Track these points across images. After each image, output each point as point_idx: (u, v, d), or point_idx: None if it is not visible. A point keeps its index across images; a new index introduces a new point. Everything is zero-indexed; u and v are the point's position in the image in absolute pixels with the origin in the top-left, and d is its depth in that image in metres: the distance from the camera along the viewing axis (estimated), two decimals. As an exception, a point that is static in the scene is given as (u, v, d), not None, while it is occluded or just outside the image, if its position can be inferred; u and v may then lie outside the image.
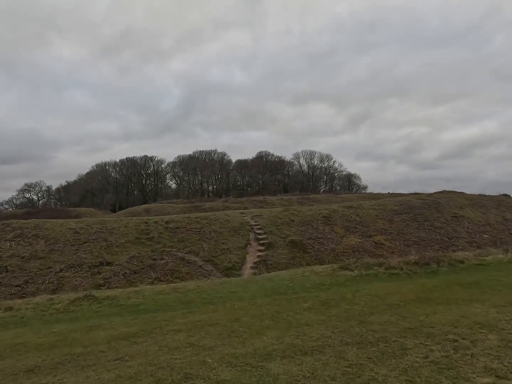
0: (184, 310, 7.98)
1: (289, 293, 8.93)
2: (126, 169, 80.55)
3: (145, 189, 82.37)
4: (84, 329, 6.98)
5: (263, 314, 7.14)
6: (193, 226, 22.03)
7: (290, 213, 24.03)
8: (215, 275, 18.30)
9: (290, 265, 19.34)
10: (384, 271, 10.32)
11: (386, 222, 24.60)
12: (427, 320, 6.03)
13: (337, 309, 7.17)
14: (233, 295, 9.03)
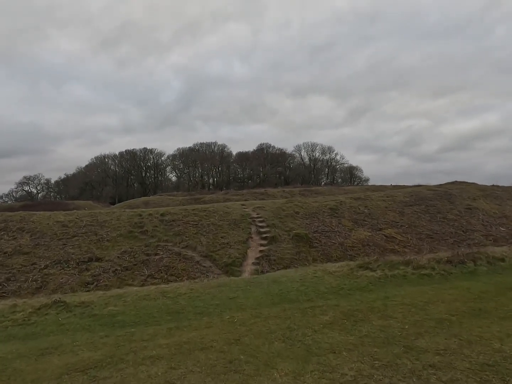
0: (171, 324, 6.21)
1: (302, 300, 7.14)
2: (125, 162, 78.68)
3: (145, 182, 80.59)
4: (35, 354, 5.22)
5: (271, 332, 5.37)
6: (191, 219, 20.25)
7: (294, 205, 22.23)
8: (214, 272, 16.57)
9: (295, 261, 17.60)
10: (413, 271, 8.54)
11: (396, 215, 22.80)
12: (504, 347, 4.24)
13: (368, 325, 5.39)
14: (232, 302, 7.25)
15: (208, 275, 16.27)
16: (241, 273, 16.47)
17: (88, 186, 78.55)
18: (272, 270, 16.92)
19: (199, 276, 16.03)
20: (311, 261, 17.78)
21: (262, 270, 16.77)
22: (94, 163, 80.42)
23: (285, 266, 17.18)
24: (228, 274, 16.46)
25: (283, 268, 17.11)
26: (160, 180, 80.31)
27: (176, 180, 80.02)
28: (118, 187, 77.55)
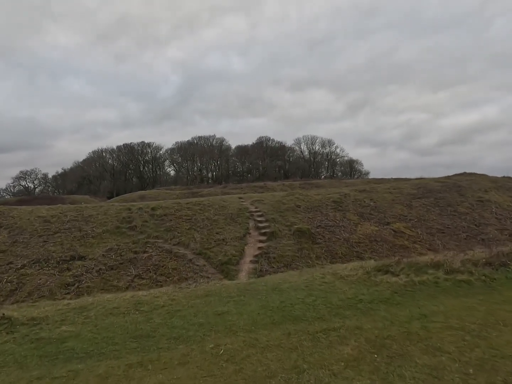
0: (133, 356, 4.47)
1: (310, 318, 5.40)
2: (123, 156, 76.76)
3: (143, 176, 78.77)
4: None
5: (271, 376, 3.63)
6: (183, 213, 18.50)
7: (295, 198, 20.47)
8: (208, 271, 14.86)
9: (296, 259, 15.88)
10: (446, 276, 6.80)
11: (404, 208, 21.04)
12: None
13: (411, 366, 3.65)
14: (220, 321, 5.51)
15: (201, 275, 14.58)
16: (237, 273, 14.78)
17: (86, 180, 76.78)
18: (272, 269, 15.22)
19: (192, 276, 14.35)
20: (314, 259, 16.08)
21: (260, 269, 15.06)
22: (92, 157, 78.51)
23: (286, 265, 15.48)
24: (223, 273, 14.77)
25: (283, 267, 15.41)
26: (158, 174, 78.46)
27: (175, 174, 78.17)
28: (116, 182, 75.73)
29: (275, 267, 15.23)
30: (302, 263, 15.74)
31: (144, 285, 13.96)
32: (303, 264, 15.65)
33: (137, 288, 13.80)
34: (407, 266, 7.26)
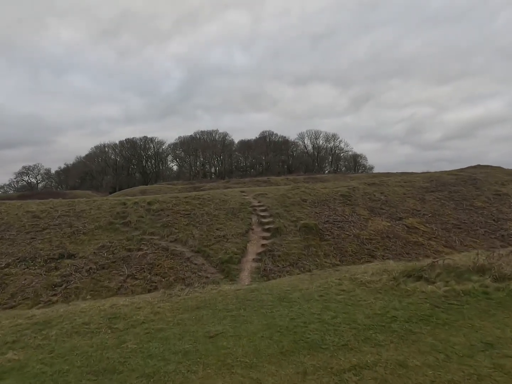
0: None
1: (331, 344, 3.99)
2: (125, 151, 75.44)
3: (145, 171, 77.50)
4: None
5: None
6: (182, 208, 17.13)
7: (301, 191, 19.05)
8: (207, 271, 13.51)
9: (303, 257, 14.50)
10: (496, 284, 5.38)
11: (417, 202, 19.58)
12: None
13: None
14: (211, 348, 4.12)
15: (199, 274, 13.24)
16: (239, 272, 13.42)
17: (88, 175, 75.63)
18: (276, 268, 13.84)
19: (189, 276, 13.01)
20: (322, 257, 14.68)
21: (264, 268, 13.69)
22: (94, 153, 77.23)
23: (292, 263, 14.11)
24: (223, 273, 13.41)
25: (289, 266, 14.03)
26: (161, 169, 77.16)
27: (177, 169, 76.84)
28: (119, 177, 74.51)
29: (280, 266, 13.87)
30: (309, 261, 14.36)
31: (137, 286, 12.65)
32: (310, 263, 14.27)
33: (129, 290, 12.49)
34: (444, 271, 5.84)
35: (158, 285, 12.80)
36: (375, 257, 15.09)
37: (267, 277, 13.27)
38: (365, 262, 14.90)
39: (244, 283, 12.89)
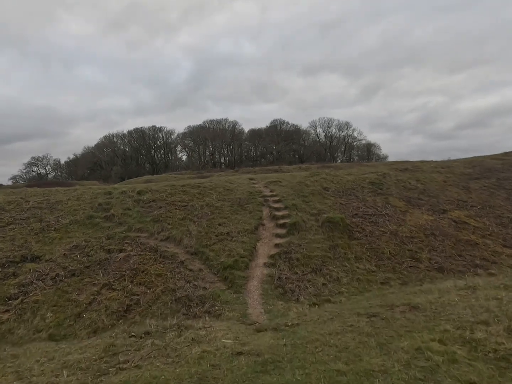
0: None
1: None
2: (134, 141, 72.43)
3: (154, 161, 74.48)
4: None
5: None
6: (177, 198, 13.77)
7: (321, 179, 15.50)
8: (205, 279, 10.17)
9: (328, 260, 11.03)
10: None
11: (460, 191, 15.89)
12: None
13: None
14: None
15: (195, 284, 9.89)
16: (246, 282, 10.05)
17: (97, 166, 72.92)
18: (295, 276, 10.41)
19: (182, 287, 9.70)
20: (353, 261, 11.19)
21: (279, 276, 10.29)
22: (103, 143, 74.42)
23: (314, 269, 10.66)
24: (226, 282, 10.07)
25: (311, 273, 10.58)
26: (170, 160, 74.03)
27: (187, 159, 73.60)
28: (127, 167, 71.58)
29: (299, 274, 10.44)
30: (337, 267, 10.88)
31: (113, 300, 9.37)
32: (338, 269, 10.78)
33: (103, 305, 9.22)
34: None
35: (141, 298, 9.51)
36: (420, 260, 11.56)
37: (283, 289, 9.85)
38: (408, 267, 11.38)
39: (254, 300, 9.49)
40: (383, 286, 10.28)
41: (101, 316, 9.07)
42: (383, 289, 10.20)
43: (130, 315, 9.15)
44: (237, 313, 8.69)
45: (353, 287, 10.17)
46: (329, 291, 9.95)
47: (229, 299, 9.37)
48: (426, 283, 10.79)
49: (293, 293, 9.76)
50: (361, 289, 10.12)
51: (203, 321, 8.69)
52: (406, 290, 10.16)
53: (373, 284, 10.36)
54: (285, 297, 9.58)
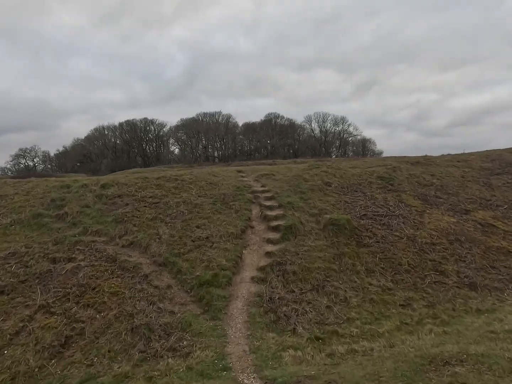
0: None
1: None
2: (125, 133, 69.22)
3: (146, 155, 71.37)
4: None
5: None
6: (149, 194, 11.14)
7: (322, 172, 12.95)
8: (174, 300, 7.63)
9: (333, 274, 8.51)
10: None
11: (482, 188, 13.46)
12: None
13: None
14: None
15: (160, 307, 7.33)
16: (227, 304, 7.53)
17: (87, 158, 69.68)
18: (291, 296, 7.89)
19: (142, 310, 7.13)
20: (363, 275, 8.67)
21: (270, 296, 7.80)
22: (93, 135, 71.13)
23: (315, 286, 8.15)
24: (202, 303, 7.55)
25: (311, 291, 8.08)
26: (162, 152, 71.01)
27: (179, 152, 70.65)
28: (118, 160, 68.43)
29: (297, 292, 7.92)
30: (344, 282, 8.37)
31: (49, 330, 6.77)
32: (345, 286, 8.27)
33: (33, 338, 6.65)
34: None
35: (87, 327, 6.91)
36: (446, 274, 9.11)
37: (275, 314, 7.33)
38: (432, 282, 8.90)
39: (236, 331, 6.96)
40: (405, 311, 7.83)
41: (27, 354, 6.45)
42: (405, 314, 7.74)
43: (69, 351, 6.55)
44: (212, 353, 6.17)
45: (365, 311, 7.69)
46: (335, 316, 7.45)
47: (204, 329, 6.84)
48: (458, 304, 8.38)
49: (289, 320, 7.24)
50: (377, 314, 7.64)
51: (165, 364, 6.19)
52: (441, 319, 7.68)
53: (391, 306, 7.88)
54: (278, 326, 7.07)
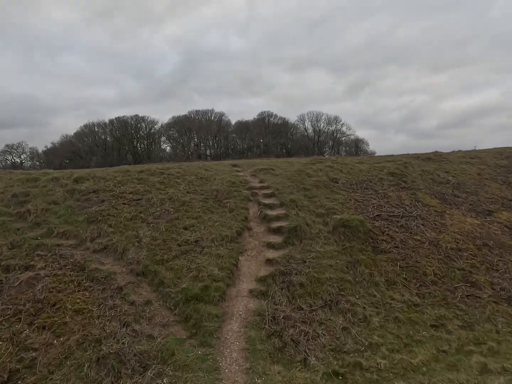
0: None
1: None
2: (116, 130, 67.12)
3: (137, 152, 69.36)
4: None
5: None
6: (129, 189, 9.49)
7: (327, 167, 11.43)
8: (154, 320, 5.98)
9: (348, 286, 6.97)
10: None
11: (502, 187, 12.10)
12: None
13: None
14: None
15: (136, 330, 5.68)
16: (220, 325, 5.92)
17: (76, 155, 67.40)
18: (299, 315, 6.32)
19: (113, 334, 5.45)
20: (383, 287, 7.14)
21: (274, 314, 6.18)
22: (83, 132, 68.87)
23: (328, 302, 6.55)
24: (188, 324, 5.92)
25: (322, 308, 6.53)
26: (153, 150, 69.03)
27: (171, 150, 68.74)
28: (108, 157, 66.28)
29: (306, 310, 6.33)
30: (361, 296, 6.83)
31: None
32: (363, 302, 6.74)
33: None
34: None
35: (39, 357, 5.21)
36: (478, 286, 7.65)
37: (281, 339, 5.72)
38: (464, 296, 7.42)
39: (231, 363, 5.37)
40: (438, 333, 6.32)
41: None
42: (440, 338, 6.23)
43: (12, 392, 4.91)
44: (200, 397, 4.60)
45: (390, 334, 6.15)
46: (354, 341, 5.90)
47: (190, 359, 5.24)
48: (500, 324, 6.87)
49: (297, 346, 5.66)
50: (405, 338, 6.10)
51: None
52: (488, 346, 6.12)
53: (421, 327, 6.36)
54: (285, 356, 5.48)
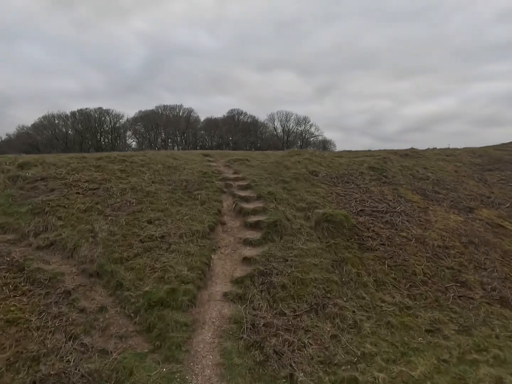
0: None
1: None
2: (78, 123, 63.61)
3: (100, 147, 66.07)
4: None
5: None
6: (84, 177, 8.22)
7: (305, 159, 10.66)
8: (108, 331, 4.84)
9: (335, 287, 6.16)
10: None
11: (479, 184, 11.86)
12: None
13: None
14: None
15: (84, 344, 4.49)
16: (189, 336, 4.85)
17: (33, 148, 63.14)
18: (281, 321, 5.44)
19: (56, 350, 4.27)
20: (372, 287, 6.40)
21: (252, 322, 5.21)
22: (42, 123, 64.67)
23: (313, 306, 5.68)
24: (150, 335, 4.76)
25: (308, 313, 5.68)
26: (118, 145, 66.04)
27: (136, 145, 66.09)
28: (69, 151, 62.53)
29: (289, 316, 5.41)
30: (349, 299, 6.04)
31: None
32: (352, 305, 5.97)
33: None
34: None
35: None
36: (469, 285, 7.11)
37: (262, 351, 4.74)
38: (456, 297, 6.84)
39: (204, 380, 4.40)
40: (435, 339, 5.65)
41: None
42: (439, 345, 5.56)
43: None
44: (165, 429, 3.59)
45: (384, 341, 5.40)
46: (346, 351, 5.08)
47: (152, 380, 4.21)
48: (497, 328, 6.31)
49: (281, 359, 4.75)
50: (400, 345, 5.37)
51: None
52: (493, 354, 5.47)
53: (416, 333, 5.67)
54: (267, 371, 4.56)
